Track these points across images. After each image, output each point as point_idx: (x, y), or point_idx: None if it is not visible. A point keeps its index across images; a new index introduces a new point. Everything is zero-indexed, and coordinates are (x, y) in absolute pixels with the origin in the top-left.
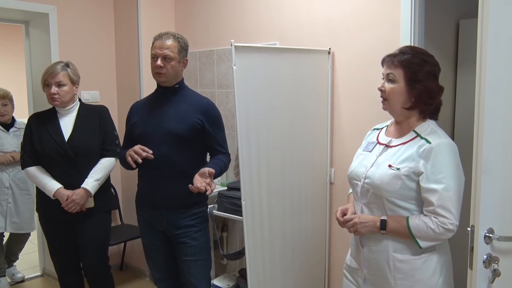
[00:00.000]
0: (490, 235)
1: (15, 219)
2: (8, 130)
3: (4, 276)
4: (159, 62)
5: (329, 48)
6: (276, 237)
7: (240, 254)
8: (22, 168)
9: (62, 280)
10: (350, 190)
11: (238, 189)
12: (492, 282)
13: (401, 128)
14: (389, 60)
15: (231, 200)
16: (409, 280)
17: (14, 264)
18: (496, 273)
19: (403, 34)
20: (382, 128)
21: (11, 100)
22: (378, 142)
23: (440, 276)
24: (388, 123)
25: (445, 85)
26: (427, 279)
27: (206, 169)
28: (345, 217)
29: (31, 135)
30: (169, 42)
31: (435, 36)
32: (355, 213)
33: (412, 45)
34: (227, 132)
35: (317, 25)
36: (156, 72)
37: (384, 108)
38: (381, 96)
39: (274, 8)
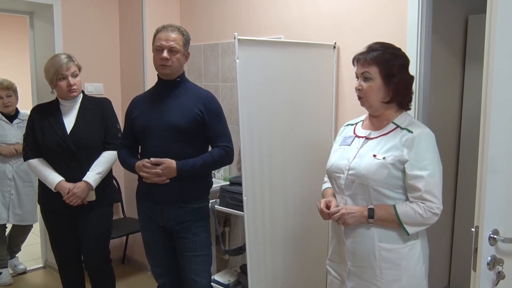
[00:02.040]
0: (495, 236)
1: (17, 211)
2: (11, 122)
3: (6, 267)
4: (165, 54)
5: (335, 43)
6: (278, 233)
7: (242, 249)
8: (24, 160)
9: (62, 272)
10: (325, 186)
11: (241, 184)
12: (496, 284)
13: (378, 121)
14: (362, 59)
15: (233, 195)
16: (395, 269)
17: (16, 255)
18: (500, 276)
19: (410, 28)
20: (356, 123)
21: (15, 91)
22: (356, 136)
23: (423, 264)
24: (362, 118)
25: (453, 82)
26: (412, 267)
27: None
28: (331, 209)
29: (33, 127)
30: (175, 34)
31: (443, 32)
32: (338, 206)
33: (420, 39)
34: (230, 127)
35: (323, 19)
36: (161, 64)
37: (362, 105)
38: (358, 95)
39: (279, 2)
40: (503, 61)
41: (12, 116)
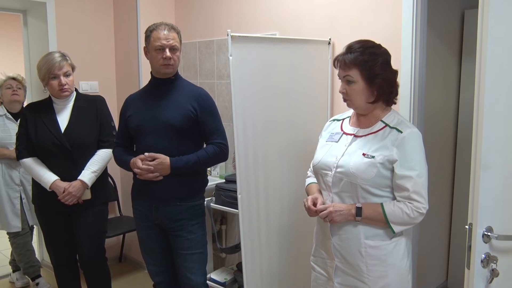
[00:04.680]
0: (489, 233)
1: (33, 213)
2: (17, 120)
3: (40, 276)
4: (168, 53)
5: (329, 39)
6: (273, 230)
7: (237, 248)
8: (18, 159)
9: (57, 272)
10: (309, 181)
11: (236, 182)
12: (491, 282)
13: (367, 119)
14: (341, 61)
15: (229, 193)
16: (381, 266)
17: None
18: (494, 273)
19: (405, 23)
20: (343, 119)
21: (25, 88)
22: (344, 133)
23: (408, 259)
24: (349, 113)
25: (449, 77)
26: (398, 262)
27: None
28: (319, 206)
29: (26, 126)
30: (173, 33)
31: (438, 26)
32: (324, 203)
33: (416, 34)
34: (226, 124)
35: (318, 15)
36: (165, 64)
37: (349, 106)
38: (343, 98)
39: None
40: (496, 57)
41: (17, 114)
